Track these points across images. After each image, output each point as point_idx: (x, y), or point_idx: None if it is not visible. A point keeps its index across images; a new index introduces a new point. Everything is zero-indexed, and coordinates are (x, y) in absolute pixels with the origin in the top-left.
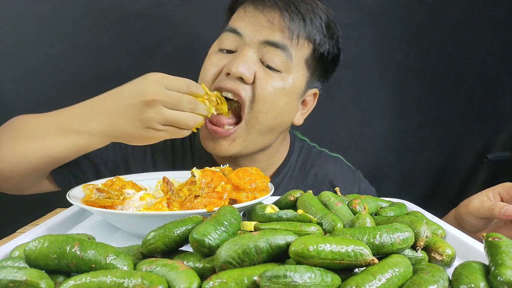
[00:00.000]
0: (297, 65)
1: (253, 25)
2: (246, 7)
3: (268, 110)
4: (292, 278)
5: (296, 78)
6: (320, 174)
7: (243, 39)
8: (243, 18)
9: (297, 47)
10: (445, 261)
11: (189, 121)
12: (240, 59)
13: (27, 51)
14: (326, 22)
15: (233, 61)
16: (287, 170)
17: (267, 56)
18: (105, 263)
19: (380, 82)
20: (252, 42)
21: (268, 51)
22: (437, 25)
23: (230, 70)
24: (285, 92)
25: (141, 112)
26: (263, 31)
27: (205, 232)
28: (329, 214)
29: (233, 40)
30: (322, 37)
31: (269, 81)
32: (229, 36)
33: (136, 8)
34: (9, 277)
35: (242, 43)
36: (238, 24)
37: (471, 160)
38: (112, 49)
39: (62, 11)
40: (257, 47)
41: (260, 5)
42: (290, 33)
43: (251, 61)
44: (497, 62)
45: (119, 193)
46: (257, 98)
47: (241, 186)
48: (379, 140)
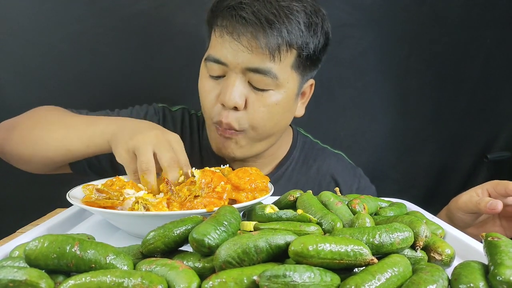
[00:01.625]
0: (285, 76)
1: (233, 53)
2: (222, 34)
3: (265, 124)
4: (291, 277)
5: (287, 88)
6: (322, 169)
7: (227, 66)
8: (222, 46)
9: (280, 62)
10: (445, 260)
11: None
12: (230, 90)
13: (29, 51)
14: (306, 22)
15: (225, 92)
16: (290, 163)
17: (253, 80)
18: (105, 263)
19: (380, 82)
20: (236, 69)
21: (253, 76)
22: (438, 25)
23: (224, 102)
24: (278, 106)
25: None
26: (243, 57)
27: (204, 232)
28: (329, 214)
29: (218, 68)
30: (304, 40)
31: (261, 101)
32: (214, 66)
33: (138, 8)
34: (9, 276)
35: (228, 69)
36: (220, 54)
37: (471, 160)
38: (114, 49)
39: (64, 11)
40: (242, 72)
41: (234, 33)
42: (270, 53)
43: (241, 87)
44: (498, 63)
45: (119, 194)
46: (252, 121)
47: (241, 186)
48: (380, 140)
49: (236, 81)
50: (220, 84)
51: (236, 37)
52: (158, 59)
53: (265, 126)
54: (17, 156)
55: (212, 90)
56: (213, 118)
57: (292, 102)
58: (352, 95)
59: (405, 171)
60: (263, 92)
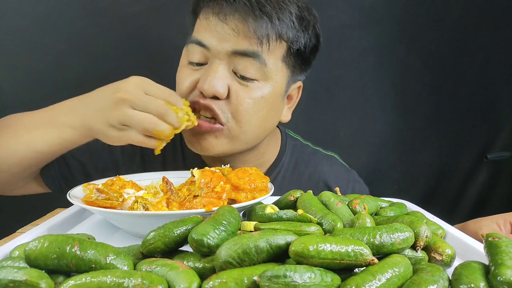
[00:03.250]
0: (274, 68)
1: (218, 36)
2: (208, 16)
3: (250, 120)
4: (292, 278)
5: (275, 82)
6: (315, 176)
7: (210, 51)
8: (206, 28)
9: (269, 51)
10: (445, 261)
11: (145, 123)
12: (211, 76)
13: (27, 50)
14: (298, 15)
15: (204, 79)
16: (279, 170)
17: (240, 67)
18: (105, 263)
19: (380, 82)
20: (221, 54)
21: (239, 61)
22: (437, 25)
23: (203, 89)
24: (264, 100)
25: (108, 108)
26: (229, 40)
27: (204, 232)
28: (329, 214)
29: (200, 52)
30: (295, 33)
31: (246, 93)
32: (196, 49)
33: (136, 8)
34: (9, 277)
35: (210, 55)
36: (203, 36)
37: (471, 160)
38: (112, 49)
39: (62, 11)
40: (227, 59)
41: (221, 14)
42: (258, 38)
43: (223, 75)
44: (497, 63)
45: (118, 195)
46: (235, 113)
47: (241, 186)
48: (379, 140)
49: (219, 67)
50: (199, 72)
51: (222, 18)
52: (156, 59)
53: (250, 121)
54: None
55: (189, 76)
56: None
57: (279, 100)
58: (352, 95)
59: (405, 171)
60: (248, 82)
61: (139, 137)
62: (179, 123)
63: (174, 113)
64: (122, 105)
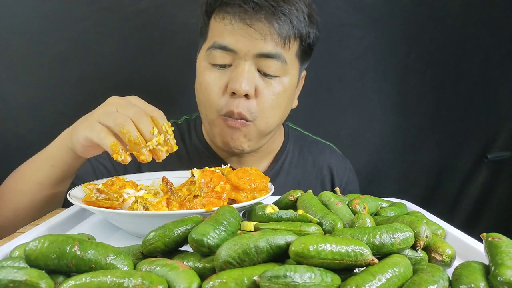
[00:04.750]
0: (291, 63)
1: (245, 40)
2: (232, 20)
3: (275, 113)
4: (292, 278)
5: (292, 75)
6: (319, 161)
7: (237, 54)
8: (232, 33)
9: (289, 49)
10: (445, 261)
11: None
12: (242, 77)
13: (30, 50)
14: (308, 12)
15: (235, 79)
16: (286, 156)
17: (264, 66)
18: (105, 263)
19: (380, 82)
20: (247, 56)
21: (264, 62)
22: (437, 25)
23: (235, 89)
24: (285, 93)
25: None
26: (256, 44)
27: (203, 232)
28: (329, 214)
29: (225, 56)
30: (307, 29)
31: (270, 89)
32: (220, 53)
33: (138, 8)
34: (9, 277)
35: (236, 58)
36: (229, 41)
37: (471, 160)
38: (114, 49)
39: (64, 10)
40: (252, 60)
41: (247, 18)
42: (282, 40)
43: (251, 75)
44: (497, 62)
45: (118, 196)
46: (262, 110)
47: (241, 186)
48: (380, 140)
49: (246, 67)
50: (226, 73)
51: (249, 23)
52: (158, 58)
53: (274, 115)
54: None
55: (218, 80)
56: (221, 110)
57: (294, 90)
58: (352, 95)
59: (405, 171)
60: (271, 79)
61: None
62: (150, 135)
63: (149, 124)
64: (107, 105)
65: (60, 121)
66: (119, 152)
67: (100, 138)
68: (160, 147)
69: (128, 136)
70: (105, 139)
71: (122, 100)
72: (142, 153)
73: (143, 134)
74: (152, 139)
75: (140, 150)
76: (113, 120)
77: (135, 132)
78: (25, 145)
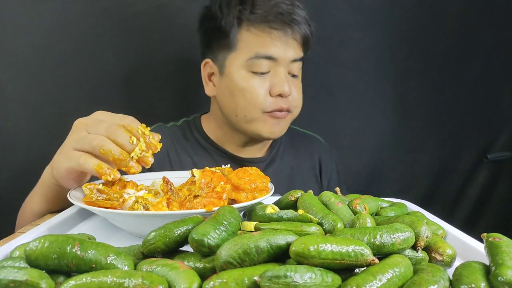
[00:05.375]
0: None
1: (284, 48)
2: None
3: (300, 104)
4: (292, 278)
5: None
6: (310, 149)
7: (277, 61)
8: (274, 44)
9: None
10: (446, 261)
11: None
12: (285, 81)
13: (29, 51)
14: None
15: (281, 84)
16: (279, 145)
17: (294, 69)
18: (106, 263)
19: (381, 82)
20: (284, 63)
21: (294, 65)
22: (438, 26)
23: (283, 92)
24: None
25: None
26: (291, 51)
27: (204, 232)
28: (330, 214)
29: (267, 64)
30: (310, 31)
31: (297, 86)
32: (264, 62)
33: (138, 8)
34: (10, 277)
35: (275, 64)
36: (272, 51)
37: (471, 160)
38: (113, 49)
39: (64, 11)
40: (287, 64)
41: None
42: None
43: (289, 78)
44: (497, 63)
45: (119, 196)
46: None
47: (241, 186)
48: (380, 140)
49: (284, 72)
50: (265, 79)
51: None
52: (157, 60)
53: (300, 104)
54: None
55: (262, 85)
56: (267, 108)
57: None
58: (352, 95)
59: (405, 171)
60: (295, 78)
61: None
62: (130, 146)
63: (125, 134)
64: (77, 131)
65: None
66: (106, 172)
67: (80, 164)
68: (145, 153)
69: (110, 155)
70: (87, 163)
71: (89, 120)
72: (130, 166)
73: (124, 147)
74: (134, 148)
75: (128, 164)
76: (88, 144)
77: (116, 148)
78: (25, 145)
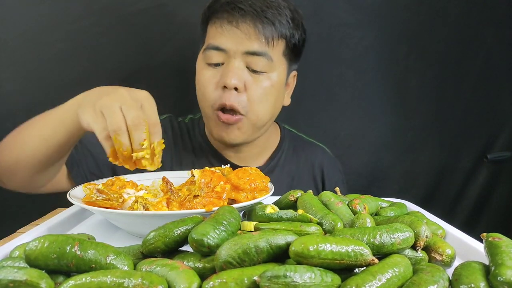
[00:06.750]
0: (278, 61)
1: (233, 40)
2: (222, 24)
3: (264, 107)
4: (292, 278)
5: (279, 72)
6: (311, 158)
7: (227, 53)
8: (222, 34)
9: (273, 48)
10: (445, 261)
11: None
12: (232, 72)
13: (28, 50)
14: (291, 16)
15: (226, 75)
16: (282, 153)
17: (252, 63)
18: (105, 263)
19: (381, 82)
20: (236, 54)
21: (251, 59)
22: (438, 25)
23: (226, 83)
24: (273, 88)
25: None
26: (243, 43)
27: (204, 232)
28: (329, 214)
29: (218, 55)
30: (291, 31)
31: (258, 84)
32: (214, 53)
33: (137, 8)
34: (9, 277)
35: (227, 56)
36: (219, 41)
37: (471, 160)
38: (113, 49)
39: (63, 10)
40: (241, 57)
41: (234, 21)
42: (265, 39)
43: (240, 71)
44: (498, 62)
45: (118, 196)
46: (252, 102)
47: (241, 186)
48: (380, 140)
49: (236, 64)
50: (219, 71)
51: (235, 25)
52: (157, 59)
53: (264, 108)
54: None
55: (212, 77)
56: (215, 103)
57: (282, 87)
58: (352, 95)
59: (405, 171)
60: (259, 75)
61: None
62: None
63: (143, 134)
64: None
65: None
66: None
67: (100, 137)
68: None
69: (118, 145)
70: (105, 141)
71: (130, 97)
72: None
73: (132, 144)
74: (139, 151)
75: (126, 159)
76: (110, 122)
77: (127, 144)
78: None
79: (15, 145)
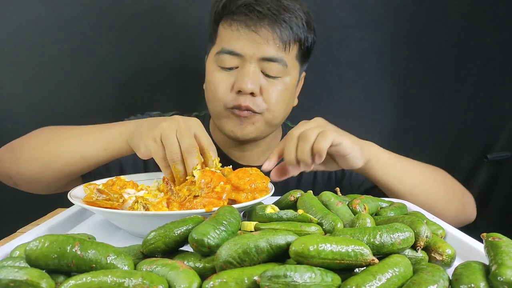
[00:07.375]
0: (291, 66)
1: (250, 45)
2: (239, 27)
3: (280, 109)
4: (292, 278)
5: (292, 76)
6: None
7: (243, 57)
8: (239, 38)
9: (289, 53)
10: (445, 261)
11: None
12: (247, 77)
13: (29, 51)
14: (306, 19)
15: (242, 80)
16: None
17: (267, 69)
18: (106, 263)
19: (381, 82)
20: (252, 59)
21: (267, 64)
22: (438, 25)
23: (242, 88)
24: (287, 91)
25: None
26: (260, 48)
27: (204, 231)
28: (330, 214)
29: (232, 59)
30: (306, 34)
31: (273, 88)
32: (228, 57)
33: (137, 8)
34: (10, 276)
35: (242, 61)
36: (235, 46)
37: (471, 160)
38: (113, 49)
39: (64, 11)
40: (257, 62)
41: (252, 25)
42: (282, 44)
43: (256, 76)
44: (498, 63)
45: (119, 196)
46: (268, 104)
47: (241, 187)
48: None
49: (251, 69)
50: (233, 74)
51: (253, 29)
52: (157, 60)
53: (279, 109)
54: (27, 176)
55: (225, 80)
56: (228, 104)
57: (295, 89)
58: (352, 95)
59: None
60: (274, 79)
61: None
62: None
63: (196, 160)
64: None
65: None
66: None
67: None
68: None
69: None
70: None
71: (185, 125)
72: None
73: (187, 168)
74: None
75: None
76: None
77: (182, 171)
78: None
79: (45, 156)
